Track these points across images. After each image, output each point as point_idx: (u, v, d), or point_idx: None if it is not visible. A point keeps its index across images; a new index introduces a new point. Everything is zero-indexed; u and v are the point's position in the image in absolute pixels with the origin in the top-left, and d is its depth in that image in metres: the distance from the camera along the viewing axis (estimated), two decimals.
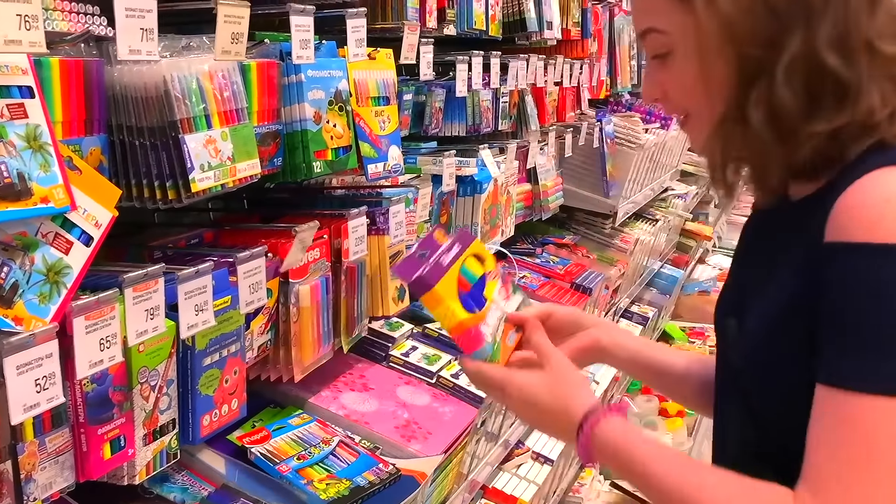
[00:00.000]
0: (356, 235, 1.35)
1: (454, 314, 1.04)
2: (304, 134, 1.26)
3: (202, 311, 0.98)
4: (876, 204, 0.82)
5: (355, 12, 1.25)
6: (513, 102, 2.20)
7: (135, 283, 0.87)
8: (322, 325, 1.38)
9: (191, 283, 0.95)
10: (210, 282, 0.99)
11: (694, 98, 0.95)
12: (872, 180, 0.84)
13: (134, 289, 0.87)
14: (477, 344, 1.04)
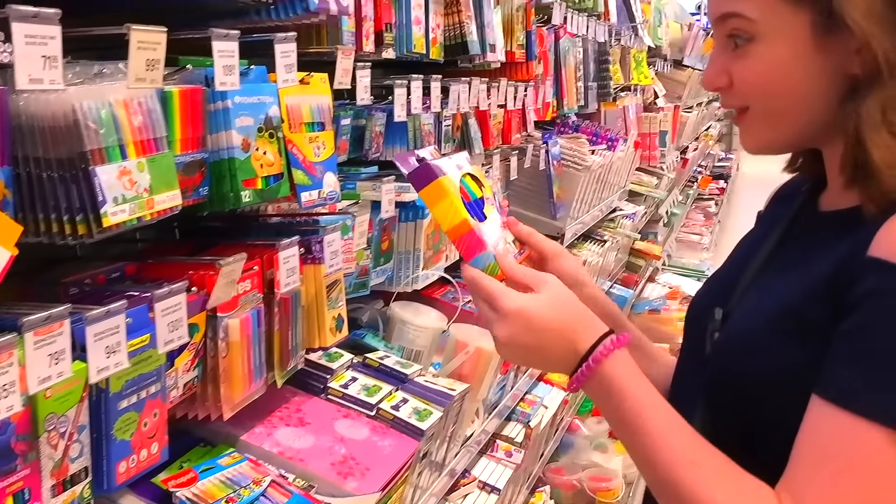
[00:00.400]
0: (288, 266, 1.31)
1: (458, 212, 0.95)
2: (231, 162, 1.21)
3: (114, 352, 0.93)
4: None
5: (284, 37, 1.21)
6: (456, 126, 2.17)
7: (36, 327, 0.82)
8: (253, 360, 1.33)
9: (101, 323, 0.90)
10: (123, 321, 0.94)
11: (768, 89, 0.93)
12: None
13: (35, 332, 0.82)
14: (479, 248, 0.95)
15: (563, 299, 0.95)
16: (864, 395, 0.80)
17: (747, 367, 0.94)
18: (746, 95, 0.96)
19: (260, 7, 1.33)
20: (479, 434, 2.10)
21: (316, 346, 1.52)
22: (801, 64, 0.91)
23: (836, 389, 0.82)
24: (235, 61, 1.10)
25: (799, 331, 0.89)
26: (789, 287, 0.93)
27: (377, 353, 1.75)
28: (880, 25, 0.86)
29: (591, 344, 0.92)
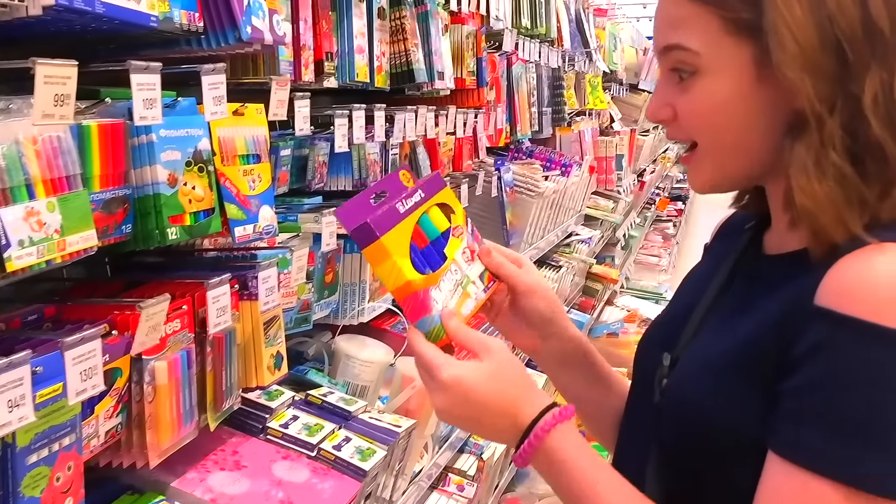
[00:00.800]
0: (218, 305, 1.25)
1: (401, 273, 0.90)
2: (156, 198, 1.16)
3: (18, 406, 0.87)
4: (886, 280, 0.77)
5: (212, 68, 1.17)
6: (404, 154, 2.14)
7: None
8: (183, 403, 1.27)
9: (2, 376, 0.84)
10: (28, 373, 0.88)
11: (711, 125, 0.90)
12: (880, 251, 0.79)
13: None
14: (423, 311, 0.91)
15: (505, 370, 0.91)
16: (822, 452, 0.78)
17: (696, 416, 0.91)
18: (690, 130, 0.93)
19: (190, 37, 1.29)
20: (429, 469, 2.05)
21: (253, 386, 1.47)
22: (746, 98, 0.88)
23: (793, 448, 0.80)
24: (157, 94, 1.05)
25: (747, 379, 0.86)
26: (736, 334, 0.90)
27: (321, 390, 1.70)
28: (810, 70, 0.84)
29: (532, 419, 0.89)
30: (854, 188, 0.84)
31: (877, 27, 0.83)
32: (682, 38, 0.89)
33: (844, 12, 0.83)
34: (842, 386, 0.77)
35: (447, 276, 0.94)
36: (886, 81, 0.83)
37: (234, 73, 1.49)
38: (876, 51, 0.84)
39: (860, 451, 0.76)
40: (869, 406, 0.76)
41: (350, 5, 1.73)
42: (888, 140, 0.83)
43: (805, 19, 0.83)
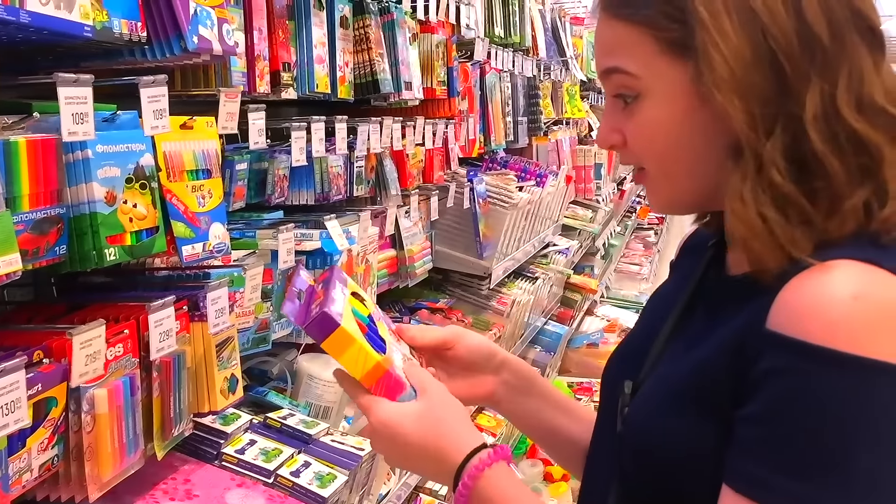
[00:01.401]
0: (161, 329, 1.19)
1: (369, 355, 0.88)
2: (93, 217, 1.10)
3: None
4: (838, 301, 0.72)
5: (151, 80, 1.11)
6: (370, 167, 2.09)
7: None
8: (126, 432, 1.20)
9: None
10: None
11: (657, 150, 0.87)
12: (831, 270, 0.75)
13: None
14: (399, 388, 0.89)
15: (435, 411, 0.89)
16: (773, 485, 0.73)
17: (654, 446, 0.87)
18: (639, 155, 0.90)
19: (133, 47, 1.23)
20: (398, 489, 1.99)
21: (206, 411, 1.40)
22: (687, 121, 0.84)
23: (744, 480, 0.76)
24: (88, 108, 0.99)
25: (703, 408, 0.82)
26: (693, 361, 0.86)
27: (280, 413, 1.63)
28: (743, 90, 0.80)
29: (460, 461, 0.86)
30: (798, 209, 0.79)
31: (815, 35, 0.79)
32: (620, 61, 0.87)
33: (779, 24, 0.79)
34: (792, 415, 0.73)
35: (395, 355, 0.93)
36: (828, 93, 0.79)
37: (184, 84, 1.44)
38: (815, 61, 0.79)
39: (808, 485, 0.72)
40: (820, 436, 0.72)
41: (309, 14, 1.68)
42: (829, 155, 0.79)
43: (736, 36, 0.79)
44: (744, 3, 0.80)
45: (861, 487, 0.71)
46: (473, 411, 2.80)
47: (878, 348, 0.71)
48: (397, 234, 2.27)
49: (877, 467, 0.71)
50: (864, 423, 0.71)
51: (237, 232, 1.63)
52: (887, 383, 0.71)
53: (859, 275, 0.74)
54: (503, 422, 2.93)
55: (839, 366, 0.71)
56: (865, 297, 0.72)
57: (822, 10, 0.80)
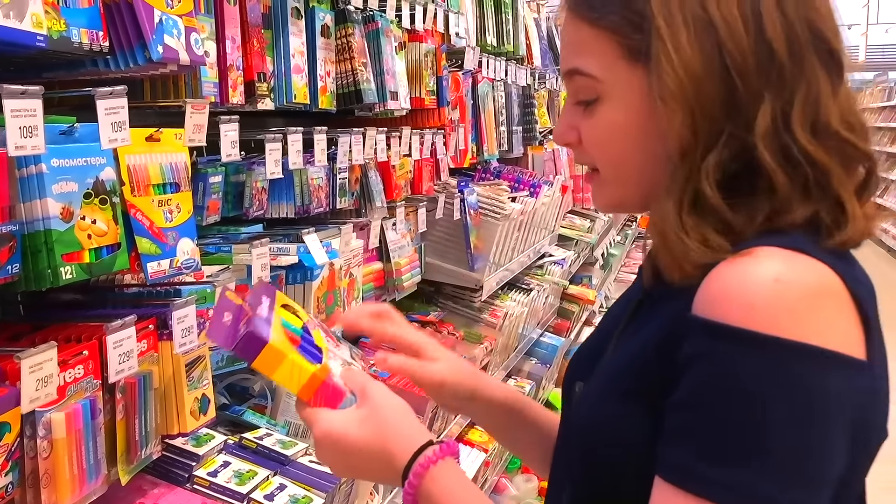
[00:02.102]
0: (121, 350, 1.15)
1: (303, 368, 0.86)
2: (47, 234, 1.06)
3: None
4: (759, 282, 0.73)
5: (109, 91, 1.07)
6: (355, 178, 2.04)
7: None
8: (86, 457, 1.16)
9: None
10: None
11: (611, 153, 0.88)
12: (754, 254, 0.75)
13: None
14: (338, 397, 0.87)
15: (378, 413, 0.87)
16: (699, 472, 0.72)
17: (596, 441, 0.86)
18: (593, 156, 0.90)
19: (95, 57, 1.19)
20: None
21: (175, 433, 1.35)
22: (643, 125, 0.84)
23: (671, 468, 0.75)
24: (38, 121, 0.95)
25: (639, 400, 0.81)
26: (627, 355, 0.86)
27: (257, 432, 1.59)
28: (691, 103, 0.79)
29: (407, 460, 0.84)
30: (720, 222, 0.79)
31: (774, 53, 0.79)
32: (582, 64, 0.87)
33: (736, 40, 0.79)
34: (714, 399, 0.72)
35: (332, 362, 0.91)
36: (780, 112, 0.79)
37: (154, 95, 1.40)
38: (771, 79, 0.79)
39: (733, 470, 0.71)
40: (741, 419, 0.71)
41: (286, 23, 1.64)
42: (777, 171, 0.78)
43: (690, 48, 0.79)
44: (703, 17, 0.79)
45: (785, 468, 0.70)
46: (465, 425, 2.75)
47: (798, 330, 0.71)
48: (384, 246, 2.23)
49: (798, 447, 0.71)
50: (785, 404, 0.70)
51: (213, 247, 1.58)
52: (807, 364, 0.71)
53: (782, 259, 0.74)
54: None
55: (759, 347, 0.71)
56: (787, 280, 0.72)
57: (783, 29, 0.79)
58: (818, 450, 0.72)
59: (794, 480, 0.71)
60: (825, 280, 0.74)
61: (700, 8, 0.80)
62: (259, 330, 0.84)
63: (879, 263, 10.97)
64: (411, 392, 2.11)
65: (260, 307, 0.89)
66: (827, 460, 0.73)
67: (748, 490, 0.71)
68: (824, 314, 0.73)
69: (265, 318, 0.87)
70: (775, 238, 0.77)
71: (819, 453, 0.72)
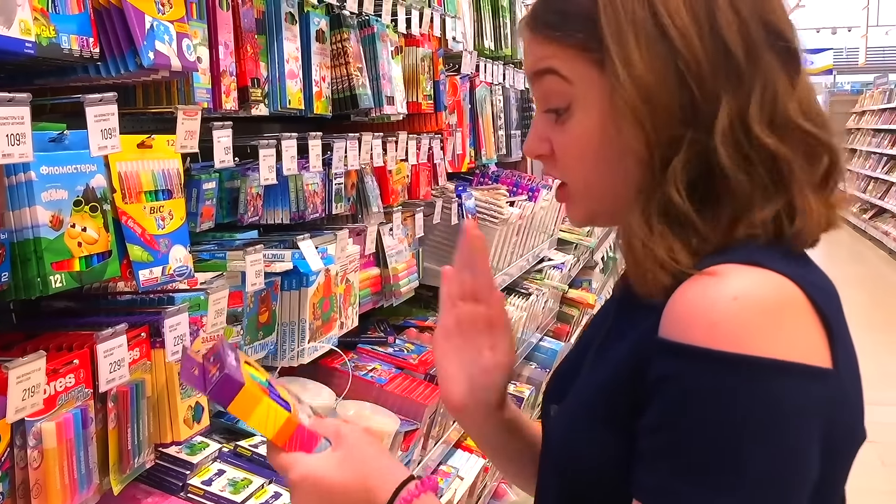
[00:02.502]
0: (112, 359, 1.14)
1: (279, 411, 0.86)
2: (37, 242, 1.05)
3: None
4: (719, 301, 0.73)
5: (98, 98, 1.06)
6: (351, 183, 2.03)
7: None
8: (78, 467, 1.15)
9: None
10: None
11: (585, 165, 0.87)
12: (715, 274, 0.75)
13: None
14: (314, 442, 0.87)
15: (354, 453, 0.86)
16: (673, 492, 0.73)
17: (568, 464, 0.86)
18: (566, 166, 0.88)
19: (86, 63, 1.18)
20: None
21: (168, 441, 1.35)
22: (611, 139, 0.83)
23: (646, 492, 0.75)
24: (26, 128, 0.94)
25: (605, 422, 0.81)
26: (599, 377, 0.85)
27: (252, 440, 1.58)
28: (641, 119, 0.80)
29: (389, 496, 0.84)
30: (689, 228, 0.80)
31: (732, 55, 0.79)
32: (554, 63, 0.85)
33: (691, 48, 0.79)
34: (683, 420, 0.73)
35: (300, 415, 0.91)
36: (737, 111, 0.79)
37: (146, 101, 1.39)
38: (729, 81, 0.79)
39: (705, 489, 0.71)
40: (711, 439, 0.71)
41: (280, 28, 1.63)
42: (737, 171, 0.79)
43: (642, 63, 0.79)
44: (654, 29, 0.80)
45: (761, 484, 0.71)
46: (463, 433, 2.73)
47: (758, 345, 0.71)
48: (381, 251, 2.22)
49: (769, 461, 0.71)
50: (751, 419, 0.71)
51: (207, 253, 1.57)
52: (771, 378, 0.71)
53: (739, 276, 0.74)
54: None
55: (722, 365, 0.71)
56: (744, 297, 0.73)
57: (738, 30, 0.80)
58: (791, 461, 0.72)
59: (769, 494, 0.71)
60: (783, 292, 0.74)
61: (651, 21, 0.80)
62: (234, 374, 0.85)
63: (880, 265, 10.95)
64: (410, 399, 2.10)
65: (228, 358, 0.89)
66: (800, 470, 0.73)
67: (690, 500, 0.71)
68: (785, 327, 0.73)
69: (236, 367, 0.88)
70: (734, 254, 0.77)
71: (792, 464, 0.72)
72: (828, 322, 0.75)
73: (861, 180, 14.36)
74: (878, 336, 6.75)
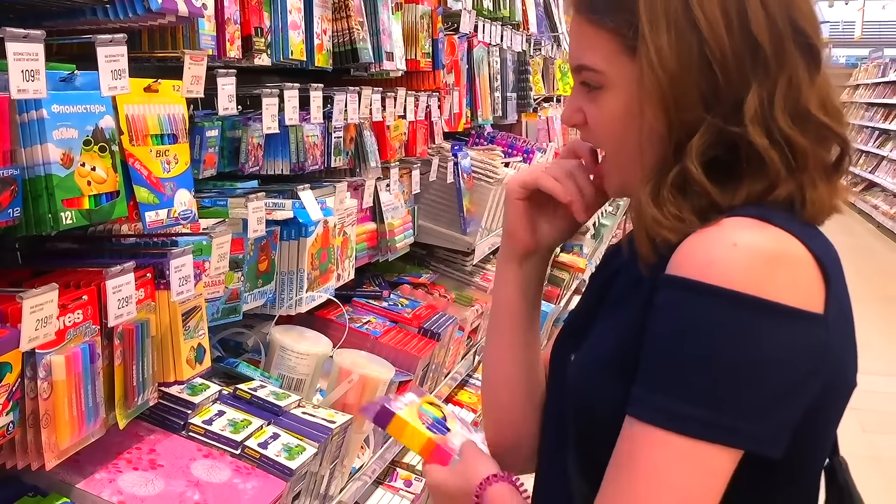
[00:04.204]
0: (120, 296, 1.17)
1: (420, 433, 1.12)
2: (48, 179, 1.07)
3: None
4: (719, 245, 0.81)
5: (109, 39, 1.08)
6: (349, 137, 2.05)
7: None
8: (85, 400, 1.18)
9: None
10: None
11: (612, 139, 0.96)
12: (722, 224, 0.84)
13: None
14: (447, 458, 1.10)
15: (466, 466, 1.06)
16: (646, 400, 0.82)
17: (591, 410, 0.93)
18: (597, 138, 0.99)
19: (95, 6, 1.20)
20: (372, 464, 1.98)
21: (171, 380, 1.38)
22: (638, 115, 0.91)
23: (633, 403, 0.84)
24: (40, 65, 0.96)
25: (624, 368, 0.87)
26: (614, 328, 0.93)
27: (251, 384, 1.62)
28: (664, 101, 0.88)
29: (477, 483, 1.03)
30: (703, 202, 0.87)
31: (759, 46, 0.87)
32: (588, 59, 0.95)
33: (717, 37, 0.87)
34: (672, 338, 0.82)
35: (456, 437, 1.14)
36: (766, 98, 0.87)
37: (151, 47, 1.41)
38: (757, 69, 0.87)
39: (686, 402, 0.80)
40: (697, 357, 0.80)
41: None
42: (769, 150, 0.86)
43: (669, 49, 0.87)
44: (686, 18, 0.87)
45: (730, 406, 0.79)
46: (455, 387, 2.79)
47: (748, 285, 0.79)
48: (377, 207, 2.25)
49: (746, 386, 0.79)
50: (733, 350, 0.79)
51: (209, 200, 1.60)
52: (759, 314, 0.79)
53: (743, 227, 0.83)
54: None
55: (713, 298, 0.79)
56: (744, 244, 0.81)
57: (767, 25, 0.87)
58: (766, 392, 0.80)
59: (740, 414, 0.79)
60: (784, 247, 0.82)
61: (683, 10, 0.88)
62: (389, 405, 1.14)
63: (867, 238, 11.04)
64: (404, 351, 2.15)
65: (403, 396, 1.17)
66: (773, 405, 0.80)
67: (707, 420, 0.79)
68: (778, 273, 0.80)
69: (401, 401, 1.15)
70: (747, 210, 0.85)
71: (767, 396, 0.80)
72: (826, 274, 0.83)
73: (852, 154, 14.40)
74: (862, 307, 6.77)
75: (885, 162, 12.82)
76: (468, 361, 2.82)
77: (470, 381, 2.98)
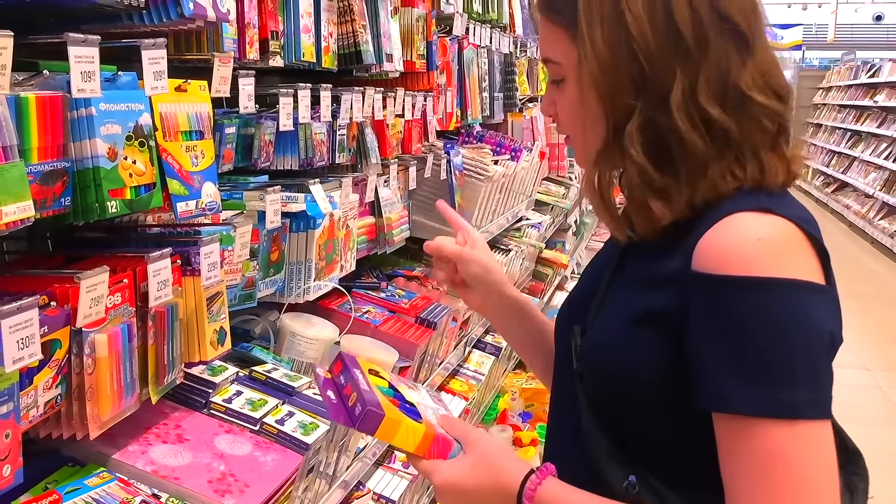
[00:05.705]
0: (159, 279, 1.27)
1: (416, 430, 1.01)
2: (95, 171, 1.17)
3: None
4: (748, 242, 0.92)
5: (152, 43, 1.18)
6: (351, 135, 2.16)
7: None
8: (124, 376, 1.28)
9: None
10: None
11: (573, 125, 1.09)
12: (737, 221, 0.94)
13: None
14: (448, 448, 1.03)
15: (486, 459, 1.03)
16: (734, 395, 0.90)
17: (610, 375, 1.03)
18: (562, 126, 1.12)
19: (131, 11, 1.29)
20: (374, 446, 2.08)
21: (196, 360, 1.48)
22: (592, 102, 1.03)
23: (723, 401, 0.92)
24: (95, 67, 1.06)
25: (650, 333, 0.98)
26: (634, 295, 1.03)
27: (265, 366, 1.71)
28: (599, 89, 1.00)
29: (518, 487, 1.00)
30: (652, 178, 0.99)
31: (682, 38, 0.97)
32: (550, 53, 1.08)
33: (642, 31, 0.97)
34: (737, 334, 0.91)
35: (427, 413, 1.05)
36: (688, 85, 0.97)
37: (177, 49, 1.50)
38: (679, 59, 0.97)
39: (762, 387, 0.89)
40: (766, 347, 0.90)
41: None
42: (691, 133, 0.97)
43: (602, 41, 0.99)
44: (614, 15, 0.99)
45: (801, 370, 0.90)
46: (447, 376, 2.90)
47: (782, 270, 0.91)
48: (376, 201, 2.35)
49: (807, 355, 0.91)
50: (790, 323, 0.91)
51: (225, 193, 1.69)
52: (796, 292, 0.92)
53: (757, 222, 0.94)
54: (475, 387, 3.03)
55: (758, 287, 0.91)
56: (765, 238, 0.93)
57: (690, 15, 0.97)
58: (819, 352, 0.92)
59: (808, 386, 0.90)
60: (789, 231, 0.95)
61: (612, 6, 0.99)
62: (374, 407, 0.99)
63: (839, 237, 11.29)
64: (403, 338, 2.25)
65: (358, 380, 1.02)
66: (823, 360, 0.93)
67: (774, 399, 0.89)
68: (796, 257, 0.93)
69: (371, 392, 1.01)
70: (746, 201, 0.96)
71: (820, 356, 0.92)
72: (820, 250, 0.96)
73: (825, 154, 14.70)
74: None
75: (856, 162, 13.08)
76: (459, 352, 2.93)
77: (461, 370, 3.09)
